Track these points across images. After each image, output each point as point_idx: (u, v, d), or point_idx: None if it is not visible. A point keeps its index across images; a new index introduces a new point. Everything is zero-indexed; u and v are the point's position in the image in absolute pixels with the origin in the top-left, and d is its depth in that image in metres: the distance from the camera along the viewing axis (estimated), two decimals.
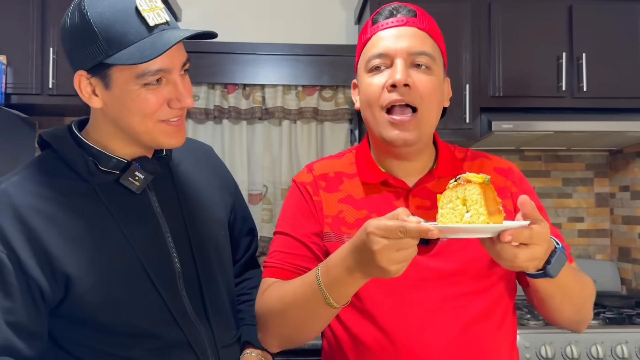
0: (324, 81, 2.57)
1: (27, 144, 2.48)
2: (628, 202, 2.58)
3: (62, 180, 0.95)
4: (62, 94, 2.24)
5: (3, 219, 0.90)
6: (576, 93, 2.31)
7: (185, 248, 1.03)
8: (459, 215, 0.82)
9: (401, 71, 1.00)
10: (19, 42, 2.23)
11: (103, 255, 0.94)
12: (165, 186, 1.05)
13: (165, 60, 0.90)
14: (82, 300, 0.93)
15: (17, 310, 0.88)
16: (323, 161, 1.17)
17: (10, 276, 0.88)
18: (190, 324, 1.00)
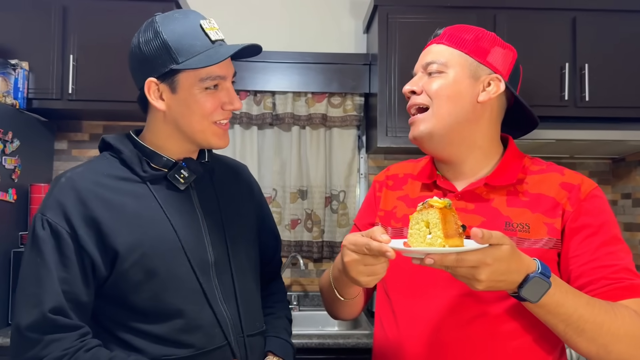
0: (333, 88, 2.64)
1: (46, 146, 2.58)
2: (630, 209, 2.63)
3: (118, 172, 1.11)
4: (80, 99, 2.33)
5: (67, 201, 1.04)
6: (579, 102, 2.37)
7: (220, 241, 1.16)
8: (423, 237, 0.89)
9: (410, 82, 1.17)
10: (41, 49, 2.33)
11: (148, 235, 1.07)
12: (205, 187, 1.19)
13: (223, 68, 1.09)
14: (125, 277, 1.05)
15: (71, 281, 1.02)
16: (401, 163, 1.33)
17: (69, 250, 1.02)
18: (219, 308, 1.12)
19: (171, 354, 1.07)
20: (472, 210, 1.11)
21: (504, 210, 1.10)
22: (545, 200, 1.09)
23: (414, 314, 1.11)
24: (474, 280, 0.88)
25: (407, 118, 2.32)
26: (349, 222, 2.68)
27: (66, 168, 2.65)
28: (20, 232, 2.26)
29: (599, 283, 1.01)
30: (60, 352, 0.99)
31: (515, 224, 1.07)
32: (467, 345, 1.05)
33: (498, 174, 1.12)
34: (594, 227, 1.05)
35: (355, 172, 2.73)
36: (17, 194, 2.22)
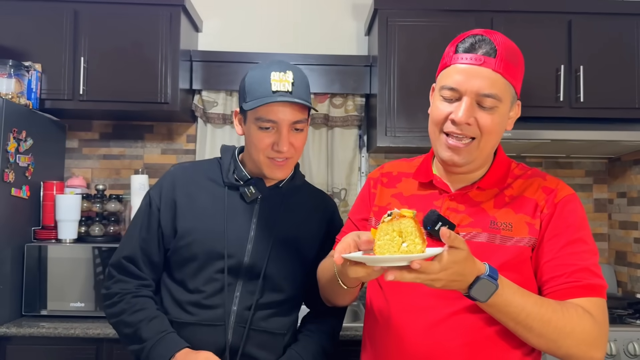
0: (335, 89, 2.72)
1: (58, 145, 2.67)
2: (625, 208, 2.69)
3: (210, 174, 1.43)
4: (91, 100, 2.42)
5: (164, 184, 1.41)
6: (574, 103, 2.43)
7: (262, 253, 1.37)
8: (396, 245, 0.91)
9: (464, 111, 1.11)
10: (53, 52, 2.41)
11: (203, 227, 1.36)
12: (272, 206, 1.41)
13: (278, 115, 1.30)
14: (176, 252, 1.37)
15: (149, 242, 1.39)
16: (395, 162, 1.39)
17: (154, 219, 1.39)
18: (231, 298, 1.34)
19: (180, 317, 1.35)
20: (462, 210, 1.19)
21: (490, 211, 1.17)
22: (528, 203, 1.17)
23: (407, 302, 1.16)
24: (434, 281, 0.95)
25: (406, 118, 2.43)
26: None
27: (77, 166, 2.75)
28: (33, 227, 2.35)
29: (558, 280, 1.10)
30: (118, 290, 1.36)
31: (499, 223, 1.15)
32: (457, 332, 1.11)
33: (489, 179, 1.21)
34: (561, 228, 1.13)
35: (356, 171, 2.80)
36: (30, 190, 2.31)
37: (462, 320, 1.11)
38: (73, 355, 2.06)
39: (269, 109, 1.29)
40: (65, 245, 2.29)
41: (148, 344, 1.29)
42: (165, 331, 1.31)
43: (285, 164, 1.35)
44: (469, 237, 1.15)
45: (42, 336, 2.05)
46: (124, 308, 1.34)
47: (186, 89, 2.60)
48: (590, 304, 1.07)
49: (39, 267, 2.22)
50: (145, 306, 1.34)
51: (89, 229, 2.42)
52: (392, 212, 0.94)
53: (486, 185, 1.21)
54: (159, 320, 1.33)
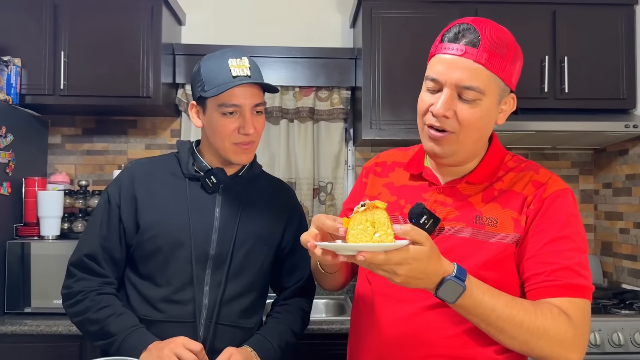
0: (320, 82, 2.70)
1: (40, 141, 2.64)
2: (610, 199, 2.69)
3: (169, 169, 1.42)
4: (72, 95, 2.39)
5: (124, 180, 1.39)
6: (558, 94, 2.43)
7: (227, 242, 1.37)
8: (369, 235, 0.92)
9: (442, 103, 1.08)
10: (33, 45, 2.38)
11: (166, 220, 1.35)
12: (233, 195, 1.41)
13: (239, 99, 1.32)
14: (140, 247, 1.35)
15: (109, 240, 1.36)
16: (391, 151, 1.36)
17: (114, 217, 1.37)
18: (201, 293, 1.33)
19: (149, 315, 1.33)
20: (449, 204, 1.16)
21: (477, 205, 1.14)
22: (516, 197, 1.13)
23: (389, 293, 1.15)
24: (393, 275, 0.93)
25: (391, 111, 2.42)
26: (336, 212, 2.75)
27: (60, 162, 2.72)
28: (15, 224, 2.32)
29: (538, 278, 1.07)
30: (81, 288, 1.33)
31: (484, 217, 1.12)
32: (436, 324, 1.10)
33: (479, 173, 1.17)
34: (547, 224, 1.09)
35: (343, 164, 2.79)
36: (11, 187, 2.28)
37: (443, 312, 1.10)
38: (56, 352, 2.04)
39: (232, 94, 1.31)
40: (48, 242, 2.27)
41: (118, 337, 1.26)
42: (136, 326, 1.29)
43: (250, 147, 1.37)
44: (452, 231, 1.13)
45: (25, 334, 2.03)
46: (89, 306, 1.31)
47: (169, 83, 2.57)
48: (569, 304, 1.04)
49: (22, 265, 2.20)
50: (111, 303, 1.32)
51: (72, 226, 2.39)
52: (366, 202, 0.94)
53: (475, 179, 1.17)
54: (127, 315, 1.31)
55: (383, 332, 1.15)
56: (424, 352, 1.11)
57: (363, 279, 1.26)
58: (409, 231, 0.91)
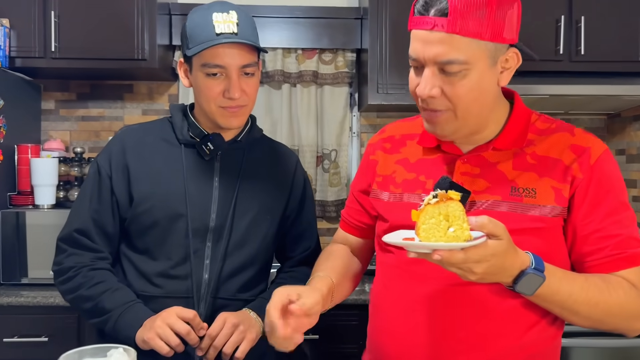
0: (324, 44, 2.58)
1: (33, 106, 2.54)
2: (624, 165, 2.61)
3: (163, 134, 1.31)
4: (64, 57, 2.27)
5: (113, 149, 1.29)
6: (574, 57, 2.31)
7: (226, 212, 1.28)
8: (443, 230, 0.84)
9: (424, 83, 0.98)
10: (22, 5, 2.25)
11: (161, 191, 1.25)
12: (232, 162, 1.32)
13: (225, 59, 1.19)
14: (135, 221, 1.26)
15: (101, 213, 1.27)
16: (397, 123, 1.25)
17: (105, 188, 1.27)
18: (200, 267, 1.25)
19: (146, 290, 1.25)
20: (477, 174, 1.05)
21: (509, 174, 1.04)
22: (554, 164, 1.03)
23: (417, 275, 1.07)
24: (469, 273, 0.87)
25: (399, 75, 2.31)
26: (340, 181, 2.67)
27: (54, 128, 2.62)
28: (8, 192, 2.24)
29: (602, 253, 1.01)
30: (73, 264, 1.24)
31: (521, 189, 1.02)
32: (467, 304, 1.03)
33: (506, 137, 1.06)
34: (602, 195, 1.01)
35: (347, 131, 2.70)
36: (3, 154, 2.20)
37: (476, 290, 1.01)
38: (54, 324, 1.99)
39: (215, 52, 1.18)
40: (43, 211, 2.19)
41: (114, 313, 1.18)
42: (133, 301, 1.21)
43: (239, 111, 1.26)
44: (486, 205, 1.03)
45: (22, 305, 1.98)
46: (81, 282, 1.22)
47: (165, 45, 2.46)
48: (636, 274, 1.01)
49: (17, 235, 2.13)
50: (105, 278, 1.23)
51: (67, 194, 2.31)
52: (438, 193, 0.86)
53: (503, 145, 1.05)
54: (123, 291, 1.23)
55: (410, 312, 1.07)
56: (455, 332, 1.04)
57: (384, 257, 1.17)
58: (486, 224, 0.84)
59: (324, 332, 2.02)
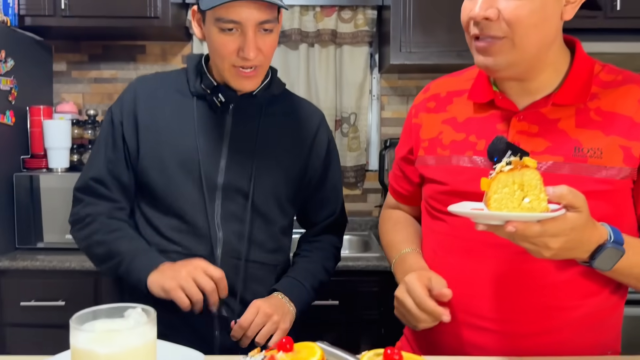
0: (343, 1, 2.46)
1: (44, 67, 2.47)
2: None
3: (177, 85, 1.25)
4: (75, 15, 2.19)
5: (126, 97, 1.24)
6: (609, 12, 2.18)
7: (240, 168, 1.20)
8: (517, 200, 0.78)
9: (481, 4, 0.90)
10: None
11: (170, 143, 1.19)
12: (248, 116, 1.23)
13: (241, 14, 1.09)
14: (145, 173, 1.20)
15: (115, 162, 1.22)
16: (442, 79, 1.16)
17: (118, 137, 1.22)
18: (214, 226, 1.18)
19: (163, 247, 1.19)
20: (536, 133, 0.96)
21: (572, 132, 0.95)
22: (622, 120, 0.93)
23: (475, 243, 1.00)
24: (543, 248, 0.80)
25: (424, 32, 2.20)
26: (359, 146, 2.59)
27: (67, 91, 2.56)
28: (21, 155, 2.20)
29: None
30: (90, 211, 1.21)
31: (585, 149, 0.93)
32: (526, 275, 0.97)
33: (568, 91, 0.96)
34: None
35: (367, 93, 2.60)
36: (15, 116, 2.14)
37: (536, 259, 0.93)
38: (71, 288, 1.96)
39: (230, 7, 1.08)
40: (57, 175, 2.15)
41: (127, 256, 1.13)
42: (149, 249, 1.16)
43: (254, 74, 1.16)
44: (546, 167, 0.94)
45: (38, 269, 1.95)
46: (97, 228, 1.18)
47: (178, 2, 2.36)
48: None
49: (31, 198, 2.09)
50: (122, 227, 1.19)
51: (81, 157, 2.27)
52: (512, 160, 0.79)
53: (564, 99, 0.95)
54: (139, 241, 1.18)
55: (464, 283, 1.00)
56: (513, 303, 0.97)
57: (433, 224, 1.09)
58: (565, 194, 0.77)
59: (345, 298, 1.98)
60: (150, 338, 0.63)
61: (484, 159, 0.98)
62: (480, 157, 0.99)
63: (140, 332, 0.61)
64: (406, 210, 1.26)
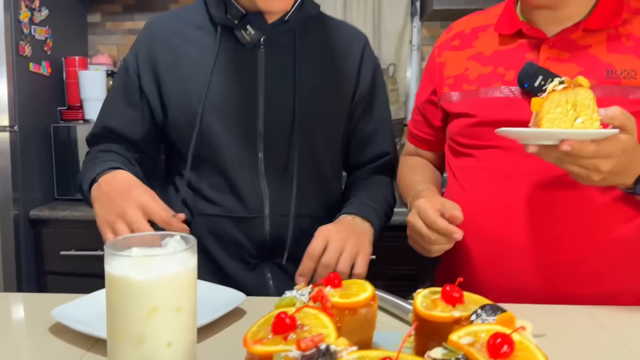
0: None
1: (79, 18, 2.46)
2: None
3: (197, 19, 1.09)
4: None
5: (141, 43, 1.10)
6: None
7: (282, 112, 1.06)
8: (570, 120, 0.76)
9: None
10: None
11: (196, 90, 1.04)
12: (281, 51, 1.08)
13: None
14: (174, 126, 1.08)
15: (129, 116, 1.08)
16: (465, 18, 1.13)
17: (133, 87, 1.08)
18: (258, 180, 1.06)
19: (205, 210, 1.08)
20: (566, 59, 0.95)
21: (603, 57, 0.93)
22: None
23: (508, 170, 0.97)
24: (593, 171, 0.77)
25: None
26: (398, 98, 2.49)
27: (102, 42, 2.53)
28: (58, 107, 2.19)
29: None
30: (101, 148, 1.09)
31: (618, 71, 0.92)
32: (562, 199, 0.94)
33: (599, 15, 0.94)
34: None
35: (407, 43, 2.49)
36: (51, 67, 2.13)
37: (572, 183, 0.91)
38: None
39: None
40: None
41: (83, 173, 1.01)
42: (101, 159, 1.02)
43: None
44: None
45: (77, 219, 1.96)
46: (85, 161, 1.07)
47: None
48: None
49: (69, 149, 2.10)
50: (112, 158, 1.03)
51: None
52: (564, 79, 0.78)
53: (595, 24, 0.94)
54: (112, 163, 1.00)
55: (500, 211, 0.97)
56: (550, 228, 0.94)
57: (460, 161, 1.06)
58: (617, 115, 0.75)
59: (382, 253, 1.93)
60: (190, 265, 0.59)
61: (513, 87, 0.97)
62: (509, 87, 0.97)
63: (180, 259, 0.57)
64: (426, 156, 1.23)
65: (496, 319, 0.55)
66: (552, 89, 0.77)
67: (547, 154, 0.77)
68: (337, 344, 0.51)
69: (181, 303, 0.58)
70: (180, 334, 0.58)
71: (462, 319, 0.58)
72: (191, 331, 0.60)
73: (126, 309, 0.56)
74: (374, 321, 0.65)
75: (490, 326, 0.54)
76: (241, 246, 1.08)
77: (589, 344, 0.78)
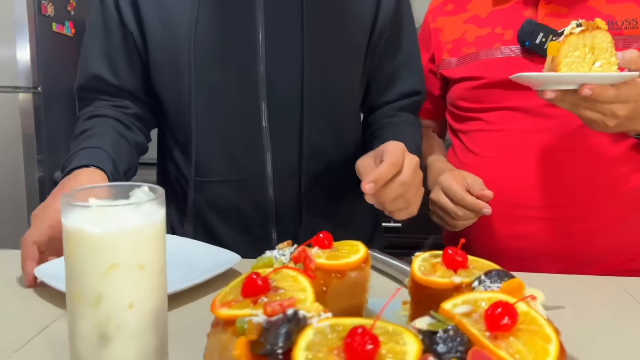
0: None
1: None
2: None
3: None
4: None
5: None
6: None
7: (287, 56, 0.91)
8: (588, 64, 0.76)
9: None
10: None
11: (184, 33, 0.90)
12: None
13: None
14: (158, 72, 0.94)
15: (112, 54, 0.95)
16: None
17: (114, 23, 0.93)
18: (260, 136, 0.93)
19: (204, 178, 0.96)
20: (565, 14, 0.95)
21: (603, 8, 0.94)
22: None
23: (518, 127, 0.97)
24: (610, 117, 0.75)
25: None
26: None
27: None
28: None
29: None
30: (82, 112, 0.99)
31: (619, 21, 0.92)
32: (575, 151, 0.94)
33: None
34: None
35: None
36: (74, 27, 2.10)
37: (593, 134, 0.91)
38: None
39: None
40: None
41: None
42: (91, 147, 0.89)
43: None
44: None
45: None
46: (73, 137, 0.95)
47: None
48: None
49: None
50: (88, 128, 0.93)
51: None
52: (581, 22, 0.76)
53: None
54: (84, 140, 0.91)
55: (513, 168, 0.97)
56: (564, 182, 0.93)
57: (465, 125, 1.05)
58: (635, 58, 0.74)
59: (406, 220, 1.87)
60: (157, 218, 0.52)
61: (513, 46, 0.97)
62: (509, 46, 0.97)
63: (144, 211, 0.51)
64: (426, 124, 1.20)
65: (501, 286, 0.47)
66: (569, 32, 0.76)
67: (564, 100, 0.75)
68: (308, 309, 0.44)
69: (144, 260, 0.51)
70: (145, 295, 0.52)
71: (462, 285, 0.50)
72: (158, 292, 0.54)
73: (82, 266, 0.50)
74: (365, 286, 0.58)
75: (493, 294, 0.46)
76: (242, 214, 0.98)
77: (618, 321, 0.68)
